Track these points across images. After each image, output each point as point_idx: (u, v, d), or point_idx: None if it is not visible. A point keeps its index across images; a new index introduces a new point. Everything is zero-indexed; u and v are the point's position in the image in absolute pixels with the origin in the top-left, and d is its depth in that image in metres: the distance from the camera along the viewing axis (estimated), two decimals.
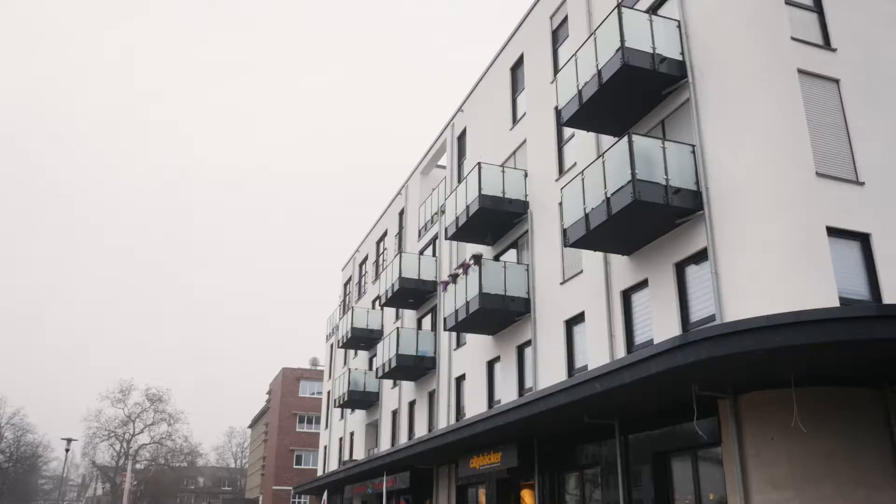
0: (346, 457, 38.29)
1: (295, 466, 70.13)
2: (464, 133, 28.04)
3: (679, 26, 15.30)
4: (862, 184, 13.45)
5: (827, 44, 14.58)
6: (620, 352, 15.87)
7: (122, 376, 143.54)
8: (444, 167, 32.17)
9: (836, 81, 14.25)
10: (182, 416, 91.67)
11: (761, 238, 12.83)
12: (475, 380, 23.38)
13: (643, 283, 15.58)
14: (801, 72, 13.93)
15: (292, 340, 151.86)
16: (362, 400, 34.18)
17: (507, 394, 20.89)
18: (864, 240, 13.07)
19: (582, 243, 15.76)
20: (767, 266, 12.64)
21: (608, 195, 14.50)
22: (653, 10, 16.38)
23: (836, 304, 12.08)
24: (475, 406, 22.83)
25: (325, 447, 44.59)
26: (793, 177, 13.01)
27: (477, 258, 21.08)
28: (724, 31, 14.55)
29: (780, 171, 13.11)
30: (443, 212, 25.76)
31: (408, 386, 29.95)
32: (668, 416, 13.51)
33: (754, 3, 14.44)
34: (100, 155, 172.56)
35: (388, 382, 32.61)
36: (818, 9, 14.95)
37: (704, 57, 14.71)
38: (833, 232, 12.77)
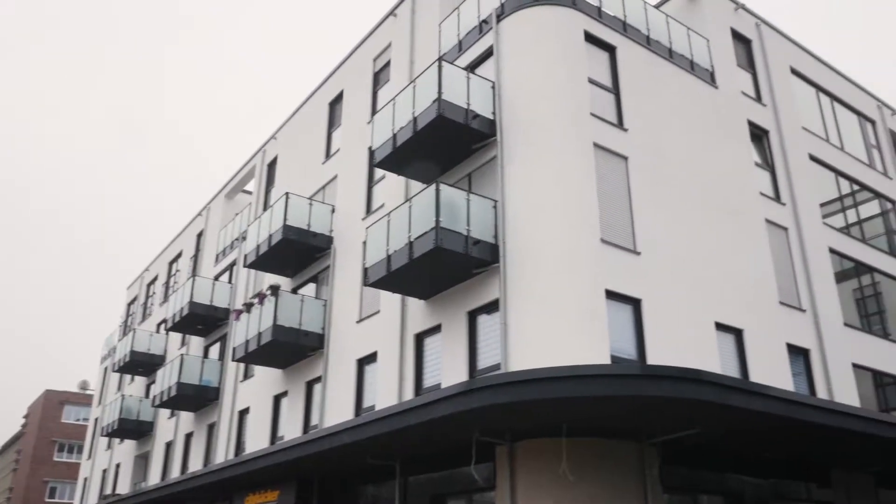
0: (108, 490, 35.28)
1: (48, 499, 63.62)
2: (275, 161, 27.52)
3: (493, 87, 16.11)
4: (639, 253, 14.77)
5: (620, 123, 16.01)
6: (409, 394, 16.05)
7: None
8: (250, 193, 31.33)
9: (625, 158, 15.65)
10: None
11: (548, 295, 13.63)
12: (260, 414, 22.59)
13: (437, 328, 15.95)
14: (596, 146, 15.16)
15: (61, 361, 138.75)
16: (135, 429, 31.81)
17: (291, 430, 20.36)
18: (636, 304, 14.31)
19: (382, 284, 15.89)
20: (551, 321, 13.43)
21: (412, 239, 14.78)
22: (471, 68, 17.15)
23: (608, 361, 13.06)
24: (257, 441, 22.02)
25: (86, 479, 40.85)
26: (580, 241, 14.03)
27: (274, 289, 20.57)
28: (532, 99, 15.51)
29: (570, 235, 14.08)
30: (244, 238, 24.97)
31: (187, 417, 28.32)
32: (449, 460, 13.78)
33: (561, 78, 15.57)
34: None
35: (165, 412, 30.66)
36: (615, 91, 16.41)
37: (513, 119, 15.56)
38: (611, 295, 13.88)
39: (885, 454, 14.38)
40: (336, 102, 24.04)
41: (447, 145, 16.13)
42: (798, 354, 17.51)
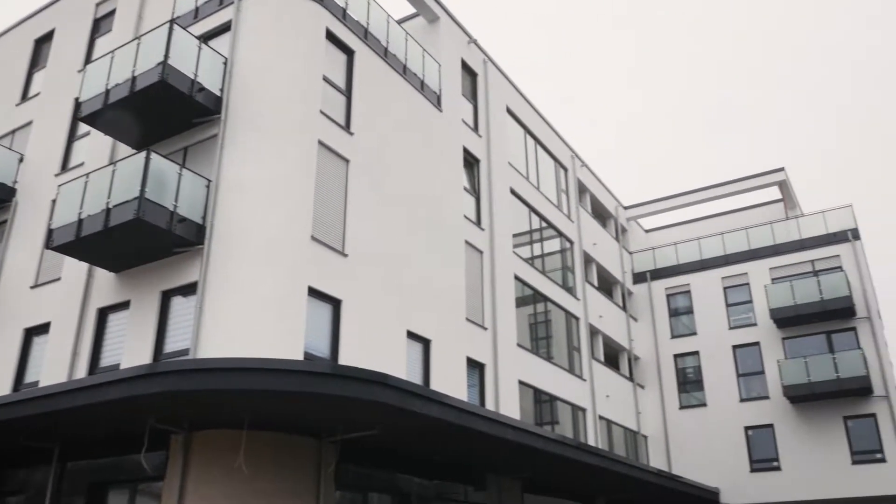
0: None
1: None
2: None
3: (225, 64, 15.51)
4: (346, 255, 15.11)
5: (348, 127, 16.29)
6: (82, 372, 14.76)
7: None
8: None
9: (347, 161, 15.96)
10: None
11: (250, 285, 13.39)
12: None
13: (125, 305, 14.86)
14: (321, 144, 15.27)
15: None
16: None
17: None
18: (336, 304, 14.61)
19: (68, 249, 14.44)
20: (249, 311, 13.21)
21: (110, 206, 13.65)
22: (205, 39, 16.35)
23: (302, 357, 13.17)
24: None
25: None
26: (290, 235, 14.00)
27: None
28: (264, 85, 15.20)
29: (280, 228, 14.00)
30: None
31: None
32: (116, 446, 12.88)
33: (297, 70, 15.47)
34: None
35: None
36: (348, 95, 16.69)
37: (241, 101, 15.10)
38: (313, 292, 14.03)
39: (533, 462, 16.24)
40: (45, 41, 21.46)
41: (166, 113, 15.15)
42: (475, 368, 19.11)
